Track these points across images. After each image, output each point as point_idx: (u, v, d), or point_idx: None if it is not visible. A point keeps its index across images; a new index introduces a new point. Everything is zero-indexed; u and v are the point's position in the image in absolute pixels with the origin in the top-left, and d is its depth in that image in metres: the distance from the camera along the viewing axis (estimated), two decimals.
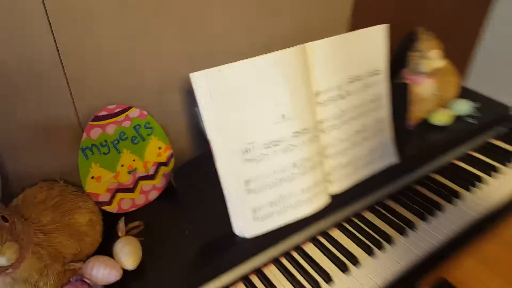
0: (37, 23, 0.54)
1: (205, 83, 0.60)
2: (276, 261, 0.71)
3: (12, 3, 0.52)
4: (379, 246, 0.74)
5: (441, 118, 0.94)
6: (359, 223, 0.79)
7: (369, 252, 0.73)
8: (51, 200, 0.56)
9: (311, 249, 0.74)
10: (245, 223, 0.66)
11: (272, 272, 0.70)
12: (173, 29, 0.67)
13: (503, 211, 0.87)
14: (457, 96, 1.00)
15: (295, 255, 0.72)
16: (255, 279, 0.68)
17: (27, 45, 0.55)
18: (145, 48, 0.66)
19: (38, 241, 0.51)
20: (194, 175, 0.63)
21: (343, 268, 0.70)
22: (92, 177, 0.65)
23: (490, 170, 0.92)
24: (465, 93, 1.04)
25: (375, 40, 0.75)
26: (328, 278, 0.68)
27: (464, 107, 0.97)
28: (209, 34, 0.72)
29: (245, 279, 0.68)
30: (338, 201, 0.75)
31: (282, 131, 0.65)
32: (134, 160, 0.69)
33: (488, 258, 1.44)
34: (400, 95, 0.83)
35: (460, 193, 0.86)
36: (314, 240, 0.75)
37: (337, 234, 0.77)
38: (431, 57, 0.86)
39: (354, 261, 0.71)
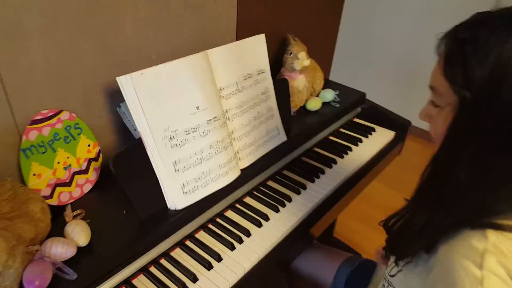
0: None
1: (130, 85, 0.76)
2: (204, 227, 0.89)
3: None
4: (282, 205, 0.98)
5: (313, 104, 1.24)
6: (265, 189, 1.02)
7: (276, 209, 0.96)
8: (5, 193, 0.65)
9: (231, 214, 0.94)
10: (176, 197, 0.83)
11: (203, 236, 0.88)
12: (94, 42, 0.81)
13: (367, 168, 1.20)
14: (323, 87, 1.33)
15: (220, 220, 0.92)
16: (189, 243, 0.85)
17: None
18: (71, 59, 0.78)
19: (3, 226, 0.60)
20: (129, 162, 0.78)
21: (258, 224, 0.92)
22: (34, 174, 0.74)
23: (355, 141, 1.26)
24: (329, 84, 1.38)
25: (257, 46, 1.00)
26: (247, 233, 0.89)
27: (329, 95, 1.29)
28: (124, 45, 0.87)
29: (181, 244, 0.85)
30: (247, 173, 0.97)
31: (198, 120, 0.85)
32: (68, 158, 0.80)
33: (358, 214, 1.86)
34: (282, 89, 1.10)
35: (336, 159, 1.17)
36: (232, 207, 0.96)
37: (249, 200, 0.98)
38: (300, 58, 1.16)
39: (265, 217, 0.93)
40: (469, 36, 0.52)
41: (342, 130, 1.32)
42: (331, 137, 1.28)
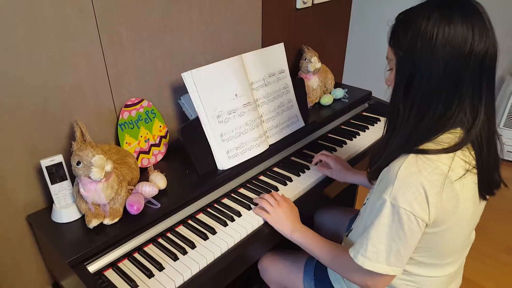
0: (95, 50, 1.01)
1: (191, 78, 1.10)
2: (244, 186, 1.21)
3: (81, 39, 0.98)
4: (302, 171, 1.28)
5: (326, 100, 1.56)
6: (288, 162, 1.33)
7: (297, 175, 1.27)
8: (113, 149, 1.00)
9: (264, 178, 1.26)
10: (223, 160, 1.15)
11: (243, 191, 1.19)
12: (163, 51, 1.19)
13: (372, 147, 1.48)
14: (334, 87, 1.64)
15: (255, 182, 1.24)
16: (234, 195, 1.17)
17: (86, 65, 1.01)
18: (149, 63, 1.17)
19: (115, 167, 0.94)
20: (191, 132, 1.11)
21: (284, 183, 1.22)
22: (126, 143, 1.10)
23: (363, 128, 1.56)
24: (340, 85, 1.70)
25: (278, 51, 1.35)
26: (276, 189, 1.19)
27: (339, 92, 1.61)
28: (183, 54, 1.25)
29: (228, 195, 1.17)
30: (274, 148, 1.29)
31: (236, 104, 1.18)
32: (147, 133, 1.15)
33: None
34: (299, 86, 1.43)
35: (346, 141, 1.46)
36: (264, 173, 1.27)
37: (277, 169, 1.31)
38: (313, 61, 1.49)
39: (289, 180, 1.24)
40: (403, 16, 0.80)
41: (352, 121, 1.62)
42: (343, 126, 1.59)
